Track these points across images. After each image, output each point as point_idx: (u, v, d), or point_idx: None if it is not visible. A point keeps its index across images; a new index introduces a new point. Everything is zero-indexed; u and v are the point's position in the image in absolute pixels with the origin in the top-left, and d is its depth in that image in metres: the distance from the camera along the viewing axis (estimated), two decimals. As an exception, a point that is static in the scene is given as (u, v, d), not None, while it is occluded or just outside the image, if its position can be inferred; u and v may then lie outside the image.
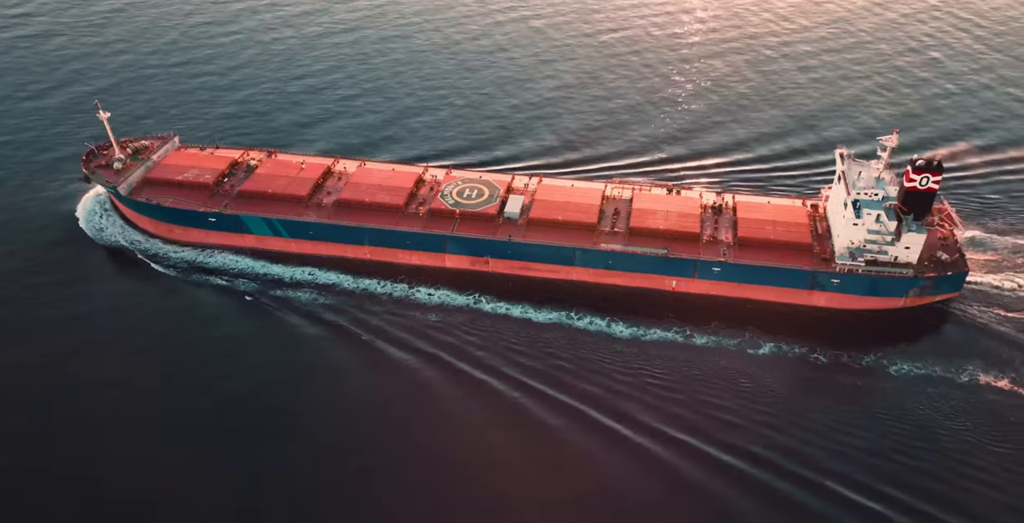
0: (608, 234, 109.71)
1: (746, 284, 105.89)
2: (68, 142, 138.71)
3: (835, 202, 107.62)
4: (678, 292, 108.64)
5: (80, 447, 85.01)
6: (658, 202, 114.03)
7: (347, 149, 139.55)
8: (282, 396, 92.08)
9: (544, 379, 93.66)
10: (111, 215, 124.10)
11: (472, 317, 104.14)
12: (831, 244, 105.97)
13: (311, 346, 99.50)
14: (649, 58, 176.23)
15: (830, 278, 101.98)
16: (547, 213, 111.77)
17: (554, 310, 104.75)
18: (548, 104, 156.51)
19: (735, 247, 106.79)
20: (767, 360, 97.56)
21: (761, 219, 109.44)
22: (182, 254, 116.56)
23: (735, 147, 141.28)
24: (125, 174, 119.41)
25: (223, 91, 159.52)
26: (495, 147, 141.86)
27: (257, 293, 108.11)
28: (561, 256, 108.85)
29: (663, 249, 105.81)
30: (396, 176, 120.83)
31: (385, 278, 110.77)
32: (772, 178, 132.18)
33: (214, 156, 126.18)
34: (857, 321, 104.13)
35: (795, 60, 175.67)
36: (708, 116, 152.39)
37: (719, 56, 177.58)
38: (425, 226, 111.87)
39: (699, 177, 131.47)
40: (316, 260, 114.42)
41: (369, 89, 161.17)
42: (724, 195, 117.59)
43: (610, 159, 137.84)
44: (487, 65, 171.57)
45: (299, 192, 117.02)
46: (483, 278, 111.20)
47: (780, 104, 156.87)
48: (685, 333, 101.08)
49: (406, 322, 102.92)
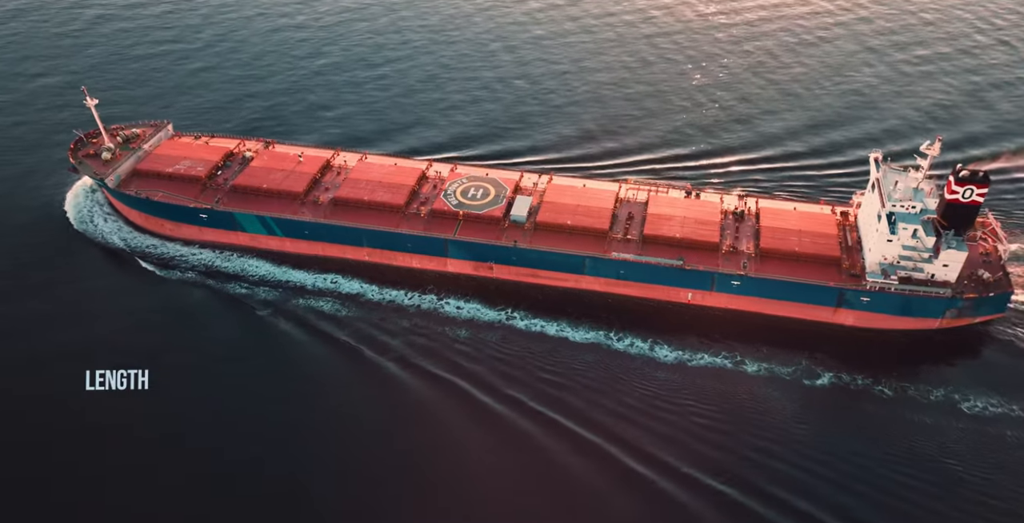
0: (620, 241, 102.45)
1: (767, 299, 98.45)
2: (58, 130, 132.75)
3: (867, 212, 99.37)
4: (694, 305, 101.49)
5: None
6: (675, 206, 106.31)
7: (355, 136, 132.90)
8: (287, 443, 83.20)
9: (579, 417, 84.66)
10: (102, 206, 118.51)
11: (504, 334, 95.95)
12: (861, 258, 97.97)
13: (328, 369, 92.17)
14: (680, 40, 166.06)
15: (859, 296, 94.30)
16: (556, 217, 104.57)
17: (592, 328, 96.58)
18: (572, 91, 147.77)
19: (757, 259, 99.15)
20: (826, 394, 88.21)
21: (786, 228, 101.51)
22: (182, 254, 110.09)
23: (765, 142, 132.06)
24: (114, 165, 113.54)
25: (224, 73, 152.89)
26: (509, 137, 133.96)
27: (276, 302, 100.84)
28: (569, 264, 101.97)
29: (679, 260, 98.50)
30: (398, 172, 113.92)
31: (413, 288, 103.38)
32: (800, 177, 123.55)
33: (208, 146, 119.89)
34: (890, 342, 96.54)
35: (846, 44, 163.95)
36: (740, 108, 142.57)
37: (757, 39, 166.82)
38: (426, 228, 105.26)
39: (722, 175, 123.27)
40: (323, 262, 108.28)
41: (382, 74, 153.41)
42: (747, 199, 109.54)
43: (630, 153, 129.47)
44: (508, 50, 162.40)
45: (295, 188, 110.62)
46: (508, 290, 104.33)
47: (821, 95, 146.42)
48: (735, 358, 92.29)
49: (431, 341, 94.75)
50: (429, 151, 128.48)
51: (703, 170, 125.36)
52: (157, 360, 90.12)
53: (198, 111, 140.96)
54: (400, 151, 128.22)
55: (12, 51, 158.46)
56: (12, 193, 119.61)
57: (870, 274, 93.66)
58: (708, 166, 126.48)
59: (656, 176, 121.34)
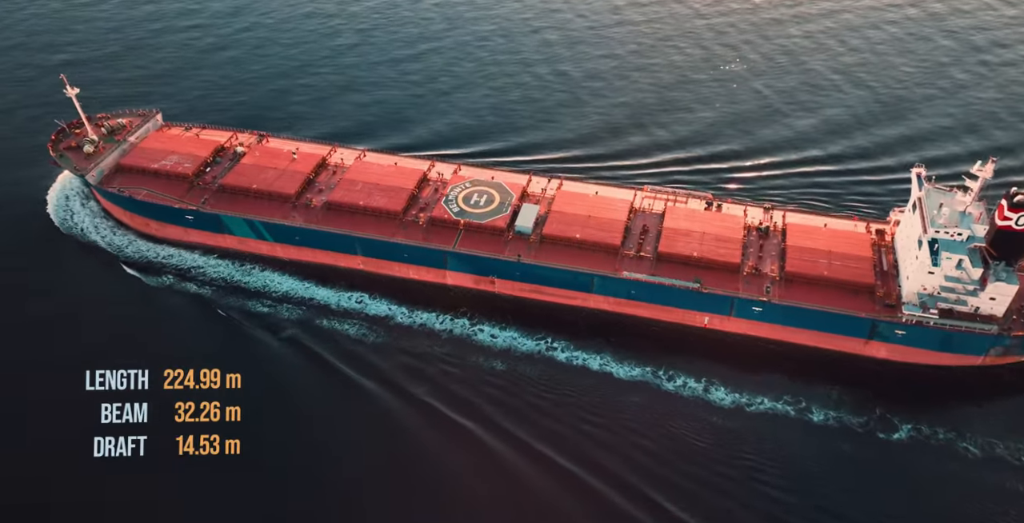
0: (633, 258, 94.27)
1: (790, 327, 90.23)
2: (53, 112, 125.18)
3: (907, 235, 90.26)
4: (710, 329, 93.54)
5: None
6: (694, 220, 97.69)
7: (361, 128, 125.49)
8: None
9: (622, 479, 76.23)
10: (89, 200, 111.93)
11: (543, 369, 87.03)
12: (898, 286, 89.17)
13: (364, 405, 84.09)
14: (718, 23, 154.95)
15: (894, 329, 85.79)
16: (564, 229, 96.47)
17: (639, 364, 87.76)
18: (594, 82, 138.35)
19: (781, 283, 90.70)
20: (907, 451, 78.73)
21: (814, 249, 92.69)
22: (200, 266, 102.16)
23: (801, 143, 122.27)
24: (96, 159, 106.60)
25: (224, 56, 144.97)
26: (523, 132, 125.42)
27: (300, 321, 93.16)
28: (577, 282, 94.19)
29: (695, 282, 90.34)
30: (397, 173, 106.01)
31: (444, 310, 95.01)
32: (833, 184, 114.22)
33: (199, 139, 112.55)
34: (936, 380, 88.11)
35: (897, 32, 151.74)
36: (775, 104, 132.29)
37: (801, 24, 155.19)
38: (425, 238, 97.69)
39: (749, 181, 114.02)
40: (335, 275, 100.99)
41: (392, 60, 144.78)
42: (773, 212, 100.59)
43: (649, 153, 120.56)
44: (526, 38, 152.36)
45: (286, 190, 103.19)
46: (512, 305, 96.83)
47: (866, 89, 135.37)
48: (800, 404, 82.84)
49: (463, 374, 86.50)
50: (438, 144, 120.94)
51: (729, 173, 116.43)
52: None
53: (197, 96, 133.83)
54: (408, 143, 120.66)
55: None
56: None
57: (907, 306, 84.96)
58: (736, 168, 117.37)
59: (677, 181, 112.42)
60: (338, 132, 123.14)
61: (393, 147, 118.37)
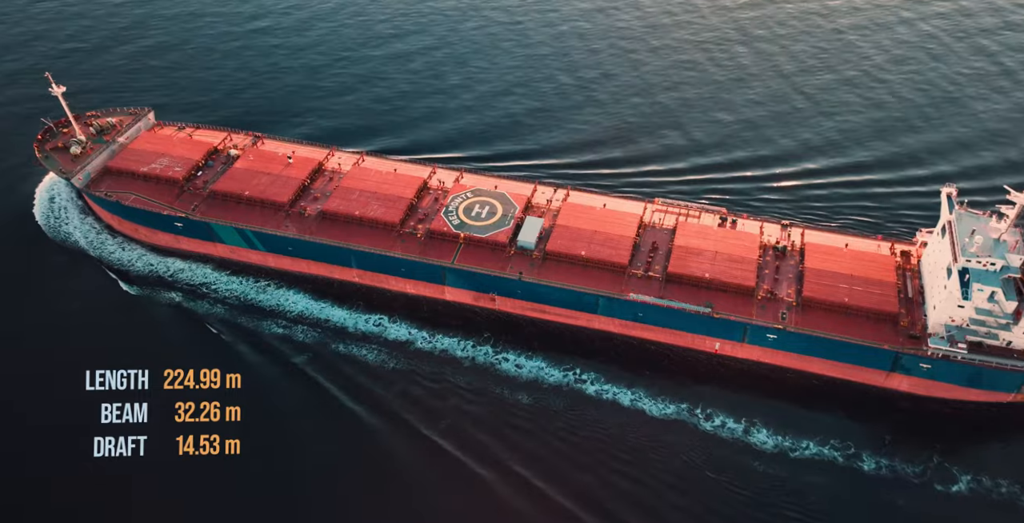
0: (641, 279, 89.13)
1: (806, 356, 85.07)
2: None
3: (934, 260, 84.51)
4: (721, 355, 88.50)
5: None
6: (707, 237, 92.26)
7: (364, 127, 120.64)
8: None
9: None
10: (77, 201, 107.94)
11: (571, 403, 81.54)
12: (924, 315, 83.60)
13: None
14: (745, 23, 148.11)
15: (918, 362, 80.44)
16: (569, 245, 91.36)
17: (674, 401, 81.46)
18: (610, 81, 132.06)
19: (798, 309, 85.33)
20: (964, 503, 72.32)
21: (835, 272, 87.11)
22: (212, 283, 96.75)
23: (825, 150, 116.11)
24: (83, 161, 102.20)
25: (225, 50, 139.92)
26: (532, 135, 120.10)
27: (316, 344, 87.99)
28: (581, 303, 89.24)
29: (706, 306, 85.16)
30: (396, 181, 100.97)
31: (467, 335, 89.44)
32: (854, 196, 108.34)
33: (191, 140, 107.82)
34: (970, 418, 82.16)
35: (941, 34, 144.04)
36: (802, 107, 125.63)
37: (831, 18, 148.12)
38: (423, 252, 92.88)
39: (767, 193, 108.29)
40: (354, 295, 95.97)
41: (398, 52, 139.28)
42: (791, 229, 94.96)
43: (662, 159, 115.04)
44: (543, 36, 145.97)
45: (279, 198, 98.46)
46: (521, 327, 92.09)
47: (893, 94, 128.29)
48: (848, 450, 76.83)
49: (484, 409, 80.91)
50: (443, 147, 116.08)
51: (750, 182, 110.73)
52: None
53: (194, 94, 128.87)
54: (412, 143, 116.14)
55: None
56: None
57: (933, 339, 79.50)
58: (756, 178, 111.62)
59: (692, 192, 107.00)
60: (341, 129, 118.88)
61: (397, 148, 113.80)
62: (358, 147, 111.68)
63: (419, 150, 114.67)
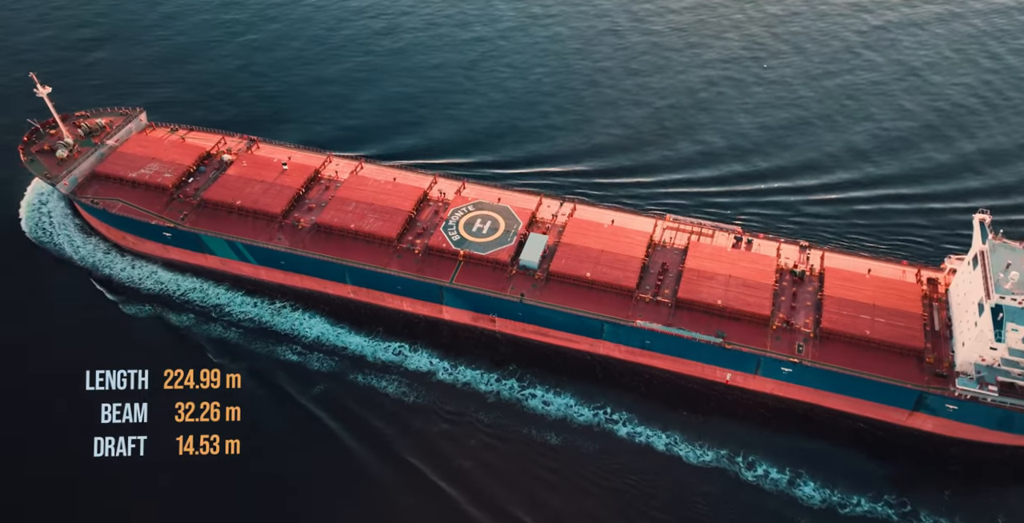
0: (649, 304, 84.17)
1: (823, 391, 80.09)
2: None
3: (964, 292, 78.94)
4: (733, 386, 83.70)
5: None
6: (720, 259, 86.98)
7: (370, 127, 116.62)
8: None
9: None
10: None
11: (602, 447, 76.07)
12: (951, 352, 78.21)
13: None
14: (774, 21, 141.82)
15: (944, 403, 75.29)
16: (573, 266, 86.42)
17: (712, 446, 75.71)
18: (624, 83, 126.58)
19: (816, 340, 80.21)
20: None
21: (856, 302, 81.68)
22: (226, 305, 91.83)
23: (850, 161, 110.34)
24: (70, 165, 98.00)
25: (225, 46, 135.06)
26: (543, 139, 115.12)
27: (332, 373, 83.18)
28: (585, 327, 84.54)
29: (718, 336, 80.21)
30: (394, 191, 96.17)
31: (491, 368, 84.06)
32: (875, 213, 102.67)
33: (184, 143, 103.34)
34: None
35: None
36: (823, 116, 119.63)
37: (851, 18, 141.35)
38: (420, 269, 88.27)
39: (783, 211, 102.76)
40: (361, 318, 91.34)
41: (398, 48, 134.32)
42: (810, 251, 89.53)
43: (679, 168, 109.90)
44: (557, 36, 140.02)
45: (272, 208, 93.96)
46: (529, 351, 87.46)
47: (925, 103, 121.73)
48: (904, 508, 70.77)
49: (512, 448, 75.71)
50: (450, 149, 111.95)
51: (765, 196, 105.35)
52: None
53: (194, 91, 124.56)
54: (417, 147, 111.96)
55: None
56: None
57: (961, 380, 74.21)
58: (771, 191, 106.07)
59: (701, 209, 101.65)
60: (345, 130, 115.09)
61: (400, 151, 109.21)
62: (360, 149, 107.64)
63: (427, 154, 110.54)
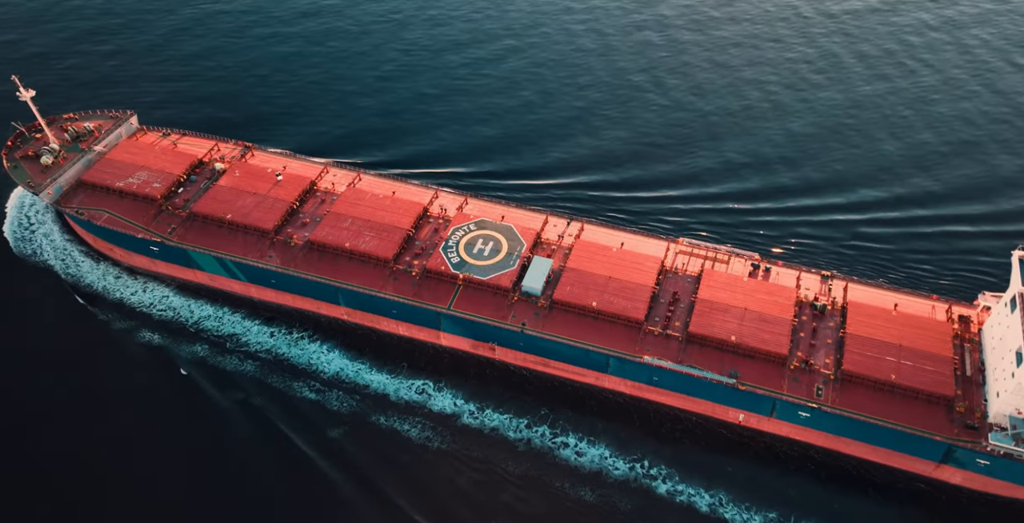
0: (658, 337, 78.87)
1: (843, 437, 74.77)
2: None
3: (1000, 335, 73.08)
4: (745, 428, 78.50)
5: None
6: (735, 289, 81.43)
7: (372, 130, 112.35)
8: None
9: None
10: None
11: (641, 505, 70.76)
12: (984, 401, 72.52)
13: None
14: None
15: (975, 457, 69.75)
16: (579, 294, 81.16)
17: (761, 509, 70.20)
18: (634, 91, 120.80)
19: (836, 383, 74.71)
20: None
21: (881, 341, 76.00)
22: (242, 335, 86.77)
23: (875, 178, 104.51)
24: (55, 172, 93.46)
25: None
26: (554, 148, 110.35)
27: (351, 418, 78.04)
28: (589, 360, 79.48)
29: (732, 376, 74.89)
30: (393, 206, 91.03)
31: (520, 414, 78.18)
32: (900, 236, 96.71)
33: (175, 150, 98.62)
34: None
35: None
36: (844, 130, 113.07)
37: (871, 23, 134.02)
38: (417, 294, 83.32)
39: (802, 233, 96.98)
40: (361, 343, 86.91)
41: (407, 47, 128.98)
42: (833, 282, 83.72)
43: (695, 182, 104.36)
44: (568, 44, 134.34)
45: (264, 224, 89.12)
46: (539, 383, 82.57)
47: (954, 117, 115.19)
48: None
49: (544, 507, 70.32)
50: (459, 154, 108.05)
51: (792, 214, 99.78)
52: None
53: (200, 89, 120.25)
54: (426, 153, 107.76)
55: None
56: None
57: (994, 435, 68.60)
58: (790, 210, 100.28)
59: (721, 230, 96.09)
60: (347, 134, 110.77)
61: (397, 167, 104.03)
62: (362, 155, 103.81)
63: (431, 162, 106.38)
